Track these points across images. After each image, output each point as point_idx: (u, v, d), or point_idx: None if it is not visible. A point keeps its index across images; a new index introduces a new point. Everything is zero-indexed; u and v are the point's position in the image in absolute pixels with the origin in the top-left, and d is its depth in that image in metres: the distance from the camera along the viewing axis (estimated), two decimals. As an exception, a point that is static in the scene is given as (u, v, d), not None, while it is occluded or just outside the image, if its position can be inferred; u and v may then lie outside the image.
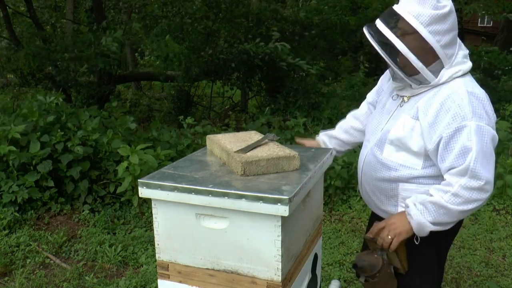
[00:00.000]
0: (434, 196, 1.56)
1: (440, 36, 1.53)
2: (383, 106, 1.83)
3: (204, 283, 1.43)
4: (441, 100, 1.57)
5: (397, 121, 1.69)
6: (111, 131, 4.45)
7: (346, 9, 8.99)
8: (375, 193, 1.79)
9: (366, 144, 1.84)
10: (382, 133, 1.74)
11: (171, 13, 7.88)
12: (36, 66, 6.23)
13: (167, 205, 1.41)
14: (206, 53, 7.26)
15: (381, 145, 1.73)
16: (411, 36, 1.54)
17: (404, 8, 1.53)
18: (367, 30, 1.66)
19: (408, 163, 1.66)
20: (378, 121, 1.81)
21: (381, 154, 1.72)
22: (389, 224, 1.63)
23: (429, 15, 1.50)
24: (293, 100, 7.74)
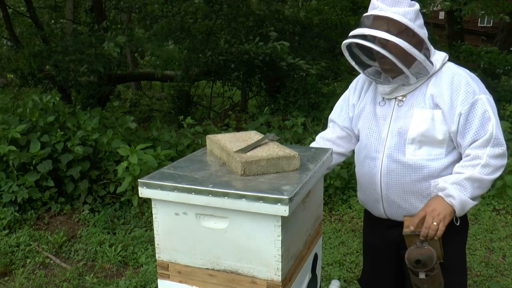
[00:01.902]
0: (465, 173, 1.61)
1: (423, 29, 1.66)
2: (372, 115, 1.82)
3: (204, 283, 1.43)
4: (448, 82, 1.65)
5: (408, 119, 1.69)
6: (111, 131, 4.45)
7: (346, 9, 8.99)
8: (408, 200, 1.75)
9: (375, 156, 1.79)
10: (396, 137, 1.72)
11: (171, 13, 7.88)
12: (37, 65, 6.23)
13: (167, 205, 1.41)
14: (206, 53, 7.26)
15: (401, 148, 1.71)
16: (403, 34, 1.60)
17: (388, 11, 1.60)
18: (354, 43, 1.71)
19: (433, 155, 1.69)
20: (377, 130, 1.79)
21: (404, 156, 1.71)
22: (430, 212, 1.61)
23: (412, 12, 1.61)
24: (293, 100, 7.74)
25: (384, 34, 1.58)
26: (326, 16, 8.51)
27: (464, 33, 14.12)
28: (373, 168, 1.80)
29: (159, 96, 12.07)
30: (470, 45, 9.71)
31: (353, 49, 1.78)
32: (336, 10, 8.80)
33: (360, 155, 1.88)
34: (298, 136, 5.59)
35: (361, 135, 1.88)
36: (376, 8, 1.63)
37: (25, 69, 6.79)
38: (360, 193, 1.97)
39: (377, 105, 1.81)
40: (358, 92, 1.91)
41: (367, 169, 1.82)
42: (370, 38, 1.64)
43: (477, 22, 21.57)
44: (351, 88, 1.97)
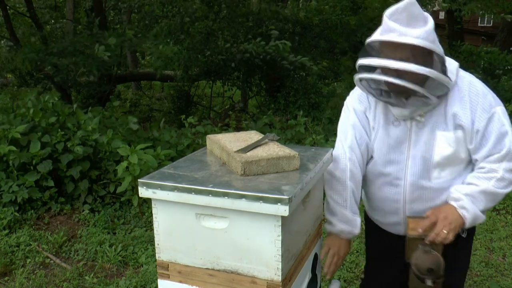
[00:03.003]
0: (480, 185, 1.57)
1: (439, 45, 1.51)
2: (387, 138, 1.67)
3: (204, 283, 1.43)
4: (466, 98, 1.57)
5: (431, 143, 1.60)
6: (111, 131, 4.45)
7: (346, 9, 8.99)
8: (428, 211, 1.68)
9: (396, 184, 1.68)
10: (419, 163, 1.63)
11: (171, 13, 7.88)
12: (33, 67, 6.23)
13: (167, 205, 1.41)
14: (206, 53, 7.26)
15: (426, 174, 1.63)
16: (428, 59, 1.48)
17: (409, 35, 1.43)
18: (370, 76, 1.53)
19: (455, 173, 1.64)
20: (395, 155, 1.66)
21: (429, 182, 1.64)
22: (442, 219, 1.57)
23: (431, 30, 1.47)
24: (293, 100, 7.75)
25: (414, 67, 1.43)
26: (326, 16, 8.50)
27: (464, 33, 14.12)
28: (394, 195, 1.70)
29: (159, 96, 12.07)
30: (470, 45, 9.70)
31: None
32: (336, 10, 8.80)
33: (376, 180, 1.75)
34: (299, 136, 5.59)
35: (375, 158, 1.73)
36: (392, 31, 1.46)
37: (23, 69, 6.79)
38: (374, 214, 1.86)
39: (391, 125, 1.66)
40: (373, 113, 1.71)
41: (387, 196, 1.72)
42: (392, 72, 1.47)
43: (477, 22, 21.58)
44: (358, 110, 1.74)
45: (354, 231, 1.76)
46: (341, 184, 1.71)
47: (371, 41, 1.53)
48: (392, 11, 1.48)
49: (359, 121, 1.72)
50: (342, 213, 1.73)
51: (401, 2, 1.47)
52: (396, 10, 1.47)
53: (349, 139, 1.72)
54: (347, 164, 1.71)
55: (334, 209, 1.74)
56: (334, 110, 8.01)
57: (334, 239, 1.78)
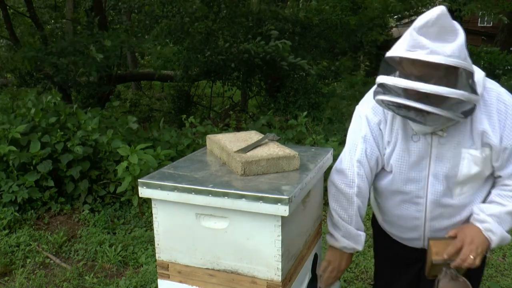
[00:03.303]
0: (506, 206, 1.49)
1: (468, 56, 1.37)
2: (406, 153, 1.55)
3: (204, 283, 1.43)
4: (494, 114, 1.45)
5: (456, 160, 1.49)
6: (111, 131, 4.45)
7: (346, 9, 8.99)
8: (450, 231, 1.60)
9: (416, 202, 1.59)
10: (442, 181, 1.53)
11: (171, 13, 7.89)
12: (33, 67, 6.23)
13: (167, 205, 1.41)
14: (205, 53, 7.26)
15: (448, 192, 1.54)
16: (457, 75, 1.35)
17: (441, 52, 1.29)
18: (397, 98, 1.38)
19: (476, 187, 1.55)
20: (414, 172, 1.56)
21: (452, 199, 1.55)
22: (469, 244, 1.46)
23: (462, 45, 1.32)
24: (293, 100, 7.75)
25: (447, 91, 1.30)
26: (326, 16, 8.51)
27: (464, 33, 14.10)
28: (414, 212, 1.61)
29: (159, 96, 12.08)
30: (470, 45, 9.72)
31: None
32: (336, 10, 8.80)
33: (394, 197, 1.65)
34: (299, 136, 5.58)
35: (394, 175, 1.61)
36: (421, 47, 1.31)
37: (23, 69, 6.80)
38: (389, 228, 1.77)
39: (410, 140, 1.54)
40: (389, 127, 1.58)
41: (406, 213, 1.63)
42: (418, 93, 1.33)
43: (477, 22, 21.56)
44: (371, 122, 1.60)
45: (357, 248, 1.67)
46: (347, 199, 1.61)
47: (395, 56, 1.38)
48: (422, 24, 1.32)
49: (371, 134, 1.59)
50: (347, 229, 1.63)
51: (431, 13, 1.31)
52: (426, 23, 1.31)
53: (358, 152, 1.60)
54: (355, 180, 1.60)
55: (338, 224, 1.64)
56: (334, 110, 8.02)
57: (336, 254, 1.70)
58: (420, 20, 1.33)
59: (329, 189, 1.67)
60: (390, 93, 1.40)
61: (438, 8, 1.31)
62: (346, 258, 1.71)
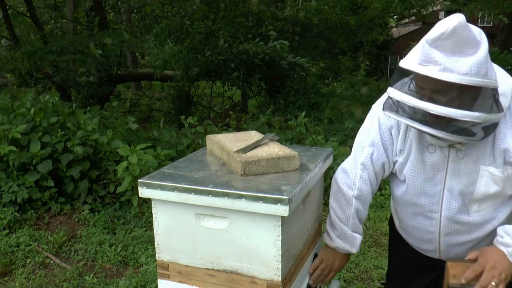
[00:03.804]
0: None
1: (492, 69, 1.23)
2: (421, 164, 1.47)
3: (204, 283, 1.43)
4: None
5: (473, 177, 1.39)
6: (111, 131, 4.45)
7: (346, 9, 9.00)
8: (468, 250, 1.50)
9: (430, 216, 1.51)
10: (457, 198, 1.44)
11: (171, 13, 7.89)
12: (33, 66, 6.24)
13: (167, 205, 1.41)
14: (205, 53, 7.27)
15: (464, 208, 1.45)
16: (476, 95, 1.22)
17: (455, 71, 1.17)
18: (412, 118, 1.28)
19: (498, 204, 1.44)
20: (429, 186, 1.47)
21: (468, 216, 1.45)
22: (490, 269, 1.33)
23: (482, 60, 1.17)
24: (293, 100, 7.76)
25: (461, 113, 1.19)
26: (326, 16, 8.51)
27: (464, 33, 14.10)
28: (428, 226, 1.53)
29: (159, 96, 12.08)
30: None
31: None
32: (336, 10, 8.81)
33: (408, 208, 1.58)
34: (300, 136, 5.59)
35: (407, 186, 1.54)
36: (433, 62, 1.18)
37: (23, 69, 6.80)
38: (406, 235, 1.70)
39: (426, 151, 1.44)
40: (402, 134, 1.49)
41: (420, 226, 1.56)
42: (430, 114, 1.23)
43: (477, 22, 21.57)
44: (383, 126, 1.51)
45: (351, 250, 1.63)
46: (346, 200, 1.58)
47: (406, 68, 1.27)
48: (436, 37, 1.18)
49: (381, 139, 1.52)
50: (342, 229, 1.60)
51: (447, 24, 1.17)
52: (440, 35, 1.17)
53: (364, 155, 1.54)
54: (356, 182, 1.56)
55: (335, 223, 1.62)
56: (334, 110, 8.02)
57: (329, 253, 1.67)
58: (434, 31, 1.19)
59: (331, 186, 1.64)
60: (399, 109, 1.32)
61: (455, 19, 1.17)
62: (340, 258, 1.68)
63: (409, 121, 1.29)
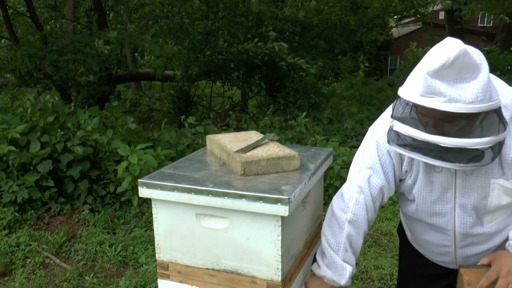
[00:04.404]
0: None
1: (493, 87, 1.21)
2: (429, 185, 1.44)
3: (204, 283, 1.43)
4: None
5: (484, 192, 1.37)
6: (111, 131, 4.45)
7: (346, 9, 9.00)
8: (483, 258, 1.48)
9: (444, 232, 1.49)
10: (470, 214, 1.41)
11: (171, 13, 7.90)
12: (33, 66, 6.24)
13: (167, 205, 1.41)
14: (205, 52, 7.27)
15: (478, 222, 1.43)
16: (484, 120, 1.20)
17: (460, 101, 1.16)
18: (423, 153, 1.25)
19: (510, 211, 1.44)
20: (439, 205, 1.45)
21: (482, 228, 1.44)
22: (505, 275, 1.32)
23: (485, 83, 1.15)
24: (293, 100, 7.75)
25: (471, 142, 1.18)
26: (325, 16, 8.51)
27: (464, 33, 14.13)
28: (443, 241, 1.51)
29: (159, 96, 12.08)
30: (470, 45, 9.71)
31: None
32: (335, 10, 8.81)
33: (420, 225, 1.56)
34: (300, 136, 5.59)
35: (417, 206, 1.51)
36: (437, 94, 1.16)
37: (23, 69, 6.80)
38: (420, 249, 1.67)
39: (432, 170, 1.41)
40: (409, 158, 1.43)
41: (434, 240, 1.54)
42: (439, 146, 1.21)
43: (477, 22, 21.58)
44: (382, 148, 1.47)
45: (339, 282, 1.48)
46: (338, 225, 1.48)
47: (409, 101, 1.24)
48: (437, 68, 1.15)
49: (380, 162, 1.47)
50: (332, 257, 1.48)
51: (447, 54, 1.14)
52: (441, 66, 1.15)
53: (361, 178, 1.48)
54: (350, 206, 1.47)
55: (325, 250, 1.51)
56: (334, 110, 8.02)
57: (315, 281, 1.54)
58: (435, 62, 1.16)
59: (327, 213, 1.57)
60: (404, 143, 1.28)
61: (455, 48, 1.15)
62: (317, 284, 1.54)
63: (420, 156, 1.26)
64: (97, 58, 5.66)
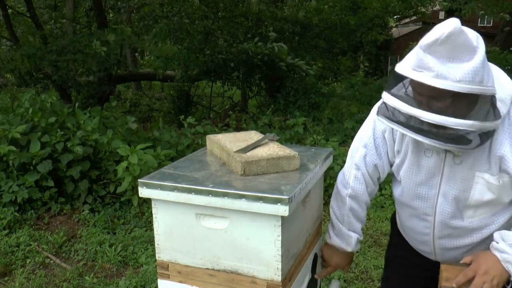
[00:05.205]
0: None
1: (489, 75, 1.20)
2: (416, 167, 1.46)
3: (204, 283, 1.43)
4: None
5: (468, 183, 1.37)
6: (111, 131, 4.45)
7: (346, 9, 9.00)
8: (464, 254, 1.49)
9: (424, 218, 1.51)
10: (451, 203, 1.42)
11: (171, 13, 7.90)
12: (32, 66, 6.23)
13: (167, 205, 1.41)
14: (205, 52, 7.27)
15: (458, 214, 1.43)
16: (471, 100, 1.20)
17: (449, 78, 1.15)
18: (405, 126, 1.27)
19: (494, 211, 1.42)
20: (424, 189, 1.47)
21: (462, 221, 1.44)
22: (482, 274, 1.31)
23: (478, 66, 1.15)
24: (293, 100, 7.75)
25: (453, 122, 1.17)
26: (325, 16, 8.52)
27: (464, 33, 14.08)
28: (423, 228, 1.54)
29: (159, 96, 12.08)
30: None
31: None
32: (335, 10, 8.81)
33: (404, 209, 1.60)
34: (299, 136, 5.59)
35: (403, 188, 1.55)
36: (427, 68, 1.17)
37: (22, 69, 6.80)
38: (406, 237, 1.71)
39: (423, 155, 1.44)
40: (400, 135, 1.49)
41: (416, 227, 1.57)
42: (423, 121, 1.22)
43: (477, 22, 21.55)
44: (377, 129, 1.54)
45: (346, 248, 1.66)
46: (341, 199, 1.64)
47: (400, 73, 1.25)
48: (430, 42, 1.15)
49: (374, 141, 1.55)
50: (339, 227, 1.66)
51: (442, 29, 1.14)
52: (434, 41, 1.15)
53: (357, 156, 1.59)
54: (350, 181, 1.60)
55: (333, 221, 1.69)
56: (334, 110, 8.02)
57: (329, 249, 1.75)
58: (429, 36, 1.16)
59: (334, 187, 1.72)
60: (393, 116, 1.31)
61: (450, 24, 1.13)
62: (338, 257, 1.73)
63: (401, 128, 1.28)
64: (96, 59, 5.66)
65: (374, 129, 1.55)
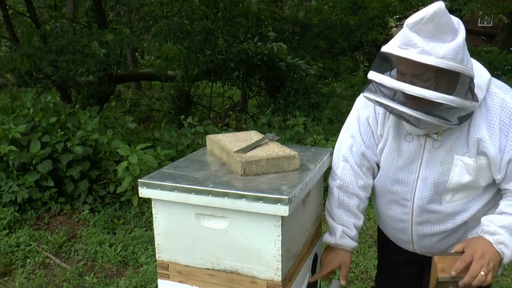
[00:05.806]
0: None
1: (468, 58, 1.28)
2: (397, 153, 1.51)
3: (204, 283, 1.43)
4: (496, 120, 1.35)
5: (447, 167, 1.42)
6: (111, 131, 4.45)
7: (346, 9, 9.00)
8: (442, 243, 1.56)
9: (403, 204, 1.55)
10: (429, 187, 1.47)
11: (171, 13, 7.89)
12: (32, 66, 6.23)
13: (167, 205, 1.41)
14: (205, 52, 7.27)
15: (437, 198, 1.47)
16: (451, 78, 1.27)
17: (432, 54, 1.21)
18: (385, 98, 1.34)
19: (472, 195, 1.46)
20: (403, 173, 1.52)
21: (440, 205, 1.48)
22: (479, 258, 1.33)
23: (459, 46, 1.22)
24: (293, 100, 7.74)
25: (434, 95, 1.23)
26: (325, 16, 8.51)
27: (464, 33, 14.09)
28: (401, 215, 1.57)
29: (159, 96, 12.07)
30: (470, 45, 9.66)
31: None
32: (335, 10, 8.80)
33: (383, 196, 1.64)
34: (299, 136, 5.58)
35: (382, 173, 1.60)
36: (412, 45, 1.24)
37: (22, 69, 6.80)
38: (383, 227, 1.77)
39: (403, 140, 1.49)
40: (381, 120, 1.55)
41: (394, 214, 1.60)
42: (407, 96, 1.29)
43: (477, 22, 21.56)
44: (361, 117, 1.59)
45: (330, 240, 1.67)
46: (331, 191, 1.67)
47: (387, 52, 1.32)
48: (416, 21, 1.23)
49: (359, 130, 1.60)
50: (329, 221, 1.68)
51: (427, 10, 1.21)
52: (420, 20, 1.22)
53: (344, 148, 1.63)
54: (338, 173, 1.63)
55: (326, 216, 1.71)
56: (334, 110, 8.01)
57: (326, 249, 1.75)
58: (414, 16, 1.24)
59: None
60: (378, 92, 1.37)
61: (435, 5, 1.21)
62: (327, 252, 1.71)
63: (386, 100, 1.33)
64: (95, 59, 5.65)
65: (358, 118, 1.60)
